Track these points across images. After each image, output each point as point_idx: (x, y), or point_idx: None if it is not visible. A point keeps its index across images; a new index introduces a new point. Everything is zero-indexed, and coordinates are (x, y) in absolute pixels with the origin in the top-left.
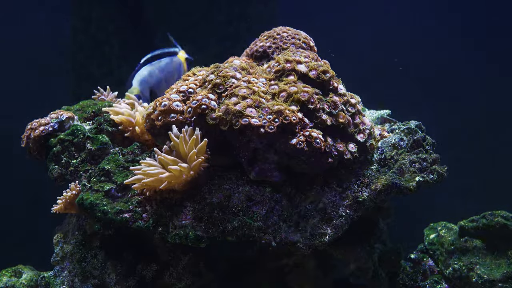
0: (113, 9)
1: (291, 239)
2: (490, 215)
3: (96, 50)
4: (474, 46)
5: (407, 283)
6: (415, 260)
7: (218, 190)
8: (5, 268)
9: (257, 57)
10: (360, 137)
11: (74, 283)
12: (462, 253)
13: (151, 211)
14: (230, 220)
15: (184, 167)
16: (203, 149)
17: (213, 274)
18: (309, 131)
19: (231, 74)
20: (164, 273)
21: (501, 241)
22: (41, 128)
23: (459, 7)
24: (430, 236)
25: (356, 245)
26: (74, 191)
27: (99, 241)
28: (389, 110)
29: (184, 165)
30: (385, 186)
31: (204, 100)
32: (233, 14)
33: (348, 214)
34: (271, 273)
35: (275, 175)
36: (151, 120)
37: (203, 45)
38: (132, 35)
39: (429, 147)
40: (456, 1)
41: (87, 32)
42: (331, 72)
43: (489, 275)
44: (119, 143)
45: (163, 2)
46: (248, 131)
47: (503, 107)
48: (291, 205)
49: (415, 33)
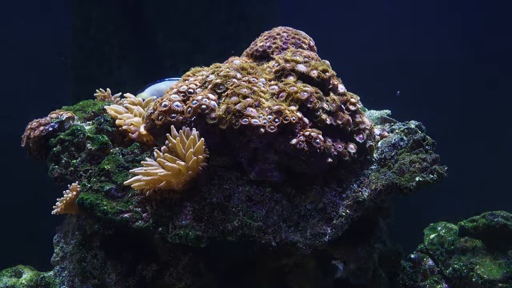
0: (113, 9)
1: (291, 239)
2: (490, 215)
3: (96, 50)
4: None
5: (407, 283)
6: (415, 260)
7: (218, 190)
8: (5, 268)
9: (257, 57)
10: (360, 137)
11: (74, 283)
12: (462, 253)
13: (151, 211)
14: (230, 220)
15: (181, 165)
16: (200, 149)
17: (213, 274)
18: (309, 131)
19: (232, 74)
20: (164, 273)
21: (501, 241)
22: (41, 128)
23: (459, 7)
24: (430, 236)
25: (356, 245)
26: (74, 192)
27: (99, 241)
28: (389, 110)
29: (182, 162)
30: (385, 186)
31: (204, 100)
32: (233, 14)
33: (348, 214)
34: (271, 273)
35: (275, 175)
36: (151, 120)
37: (203, 45)
38: (132, 35)
39: (429, 147)
40: (456, 1)
41: (87, 32)
42: (330, 72)
43: (489, 275)
44: (119, 143)
45: (163, 2)
46: (248, 131)
47: (503, 107)
48: (291, 205)
49: (415, 33)
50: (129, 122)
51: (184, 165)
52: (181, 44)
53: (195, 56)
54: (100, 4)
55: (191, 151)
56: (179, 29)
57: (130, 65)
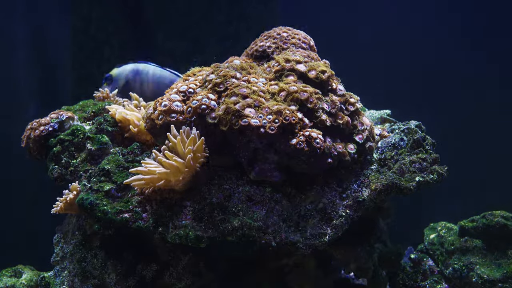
0: (113, 9)
1: (291, 239)
2: (490, 215)
3: (96, 50)
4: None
5: (407, 283)
6: (415, 260)
7: (218, 190)
8: (5, 268)
9: (257, 57)
10: (360, 137)
11: (74, 283)
12: (462, 253)
13: (151, 211)
14: (230, 220)
15: (178, 161)
16: (200, 148)
17: (213, 274)
18: (309, 131)
19: (232, 74)
20: (164, 273)
21: (501, 241)
22: (41, 128)
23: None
24: (430, 236)
25: (356, 245)
26: (74, 192)
27: (99, 241)
28: (389, 110)
29: (179, 159)
30: (385, 186)
31: (204, 100)
32: (233, 14)
33: (348, 214)
34: (271, 273)
35: (275, 175)
36: (151, 120)
37: (203, 45)
38: (132, 35)
39: (429, 147)
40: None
41: (87, 32)
42: (330, 72)
43: (489, 275)
44: (119, 143)
45: (163, 2)
46: (248, 131)
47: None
48: (291, 205)
49: (415, 33)
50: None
51: (181, 161)
52: (181, 44)
53: (195, 56)
54: (100, 4)
55: (189, 149)
56: (179, 29)
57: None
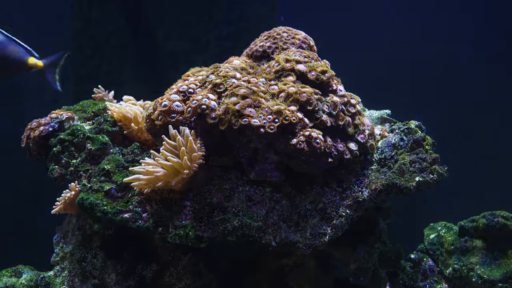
0: (113, 9)
1: (291, 239)
2: (490, 215)
3: (96, 50)
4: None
5: (407, 283)
6: (415, 260)
7: (218, 190)
8: (5, 268)
9: (257, 57)
10: (360, 138)
11: (74, 283)
12: (462, 253)
13: (151, 211)
14: (230, 220)
15: (174, 161)
16: (197, 148)
17: (213, 274)
18: (309, 131)
19: (231, 74)
20: (164, 273)
21: (501, 241)
22: (41, 128)
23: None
24: (430, 236)
25: (356, 245)
26: (74, 192)
27: (99, 241)
28: (389, 110)
29: (175, 160)
30: (385, 186)
31: (204, 100)
32: (233, 14)
33: (348, 214)
34: (271, 273)
35: (275, 175)
36: (151, 120)
37: (203, 45)
38: (132, 35)
39: (429, 147)
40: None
41: (87, 32)
42: (330, 72)
43: (489, 275)
44: (119, 143)
45: (163, 2)
46: (248, 131)
47: (503, 107)
48: (291, 205)
49: (415, 33)
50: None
51: (178, 162)
52: (181, 44)
53: (195, 56)
54: (100, 4)
55: (182, 149)
56: (179, 29)
57: (130, 65)
